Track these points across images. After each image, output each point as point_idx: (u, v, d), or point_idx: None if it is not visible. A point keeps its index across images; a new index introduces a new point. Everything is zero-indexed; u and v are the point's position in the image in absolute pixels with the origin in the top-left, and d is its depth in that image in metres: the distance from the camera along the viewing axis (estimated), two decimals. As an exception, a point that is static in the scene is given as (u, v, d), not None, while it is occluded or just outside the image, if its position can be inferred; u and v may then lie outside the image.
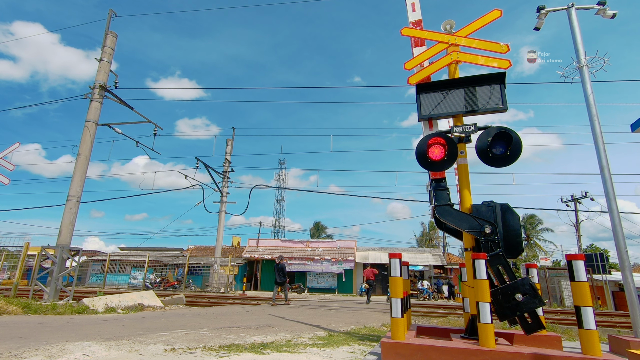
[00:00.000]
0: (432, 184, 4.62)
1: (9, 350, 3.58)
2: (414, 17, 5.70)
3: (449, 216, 4.33)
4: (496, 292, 3.80)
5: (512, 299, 3.75)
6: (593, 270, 18.81)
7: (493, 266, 3.95)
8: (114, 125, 12.90)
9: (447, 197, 4.46)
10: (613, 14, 6.30)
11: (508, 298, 3.77)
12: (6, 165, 10.89)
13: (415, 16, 5.71)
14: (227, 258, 22.03)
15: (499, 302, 3.80)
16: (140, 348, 3.89)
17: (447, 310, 12.58)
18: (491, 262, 3.95)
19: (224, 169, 24.20)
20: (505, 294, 3.79)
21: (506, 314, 3.77)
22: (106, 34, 12.61)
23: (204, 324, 6.37)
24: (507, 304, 3.77)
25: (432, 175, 4.66)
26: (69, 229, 10.76)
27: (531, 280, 3.90)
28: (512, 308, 3.75)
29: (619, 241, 5.16)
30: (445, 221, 4.38)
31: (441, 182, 4.58)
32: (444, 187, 4.53)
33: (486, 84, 4.57)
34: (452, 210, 4.35)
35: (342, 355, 3.88)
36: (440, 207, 4.39)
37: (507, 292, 3.79)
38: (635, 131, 5.86)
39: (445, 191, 4.49)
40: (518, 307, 3.74)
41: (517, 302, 3.74)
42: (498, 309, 3.81)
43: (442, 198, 4.44)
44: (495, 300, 3.78)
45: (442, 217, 4.35)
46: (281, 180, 50.78)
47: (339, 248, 29.17)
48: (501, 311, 3.80)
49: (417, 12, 5.73)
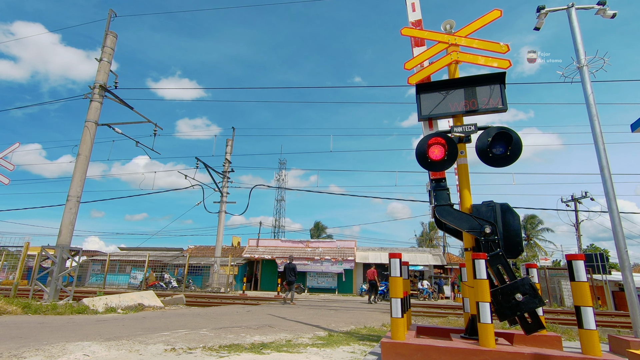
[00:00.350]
0: (432, 184, 4.62)
1: (9, 350, 3.58)
2: (414, 17, 5.70)
3: (449, 216, 4.33)
4: (496, 292, 3.80)
5: (512, 299, 3.75)
6: (593, 270, 18.81)
7: (493, 266, 3.95)
8: (114, 125, 12.90)
9: (447, 197, 4.46)
10: (613, 14, 6.30)
11: (508, 298, 3.77)
12: (6, 166, 10.89)
13: (415, 16, 5.70)
14: (227, 258, 22.03)
15: (499, 302, 3.79)
16: (140, 348, 3.89)
17: (447, 310, 12.58)
18: (491, 262, 3.95)
19: (224, 169, 24.20)
20: (505, 294, 3.79)
21: (506, 314, 3.77)
22: (106, 34, 12.61)
23: (204, 324, 6.37)
24: (507, 304, 3.77)
25: (432, 175, 4.66)
26: (69, 229, 10.76)
27: (531, 280, 3.90)
28: (512, 308, 3.75)
29: (619, 241, 5.16)
30: (445, 221, 4.38)
31: (441, 182, 4.58)
32: (444, 187, 4.53)
33: (486, 84, 4.57)
34: (452, 210, 4.35)
35: (342, 355, 3.89)
36: (440, 207, 4.39)
37: (507, 292, 3.79)
38: (635, 131, 5.86)
39: (445, 191, 4.49)
40: (518, 307, 3.74)
41: (517, 302, 3.74)
42: (498, 309, 3.81)
43: (442, 198, 4.44)
44: (495, 300, 3.78)
45: (443, 217, 4.35)
46: (281, 180, 50.81)
47: (339, 248, 29.17)
48: (501, 311, 3.80)
49: (417, 12, 5.72)
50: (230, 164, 24.59)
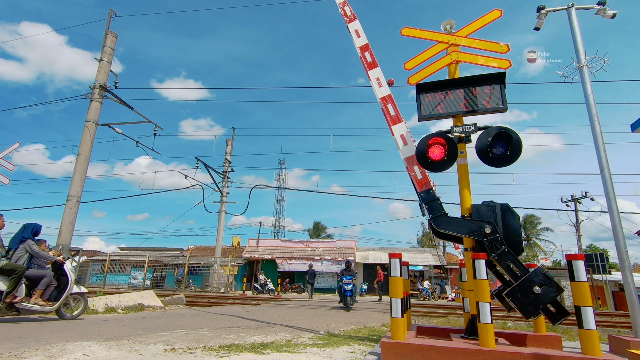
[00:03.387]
0: (422, 196, 4.54)
1: (9, 350, 3.57)
2: (360, 43, 5.76)
3: (447, 225, 4.29)
4: (514, 291, 3.70)
5: (531, 293, 3.65)
6: (593, 270, 18.81)
7: (503, 264, 3.91)
8: (114, 125, 12.91)
9: (440, 207, 4.41)
10: (613, 14, 6.30)
11: (527, 293, 3.67)
12: (6, 166, 10.90)
13: (361, 42, 5.77)
14: (227, 258, 22.04)
15: (519, 300, 3.69)
16: (140, 348, 3.89)
17: (447, 310, 12.58)
18: (500, 260, 3.91)
19: (224, 169, 24.21)
20: (523, 290, 3.68)
21: (529, 310, 3.66)
22: (106, 34, 12.61)
23: (204, 324, 6.37)
24: (527, 300, 3.66)
25: (419, 188, 4.60)
26: (69, 229, 10.76)
27: (544, 269, 3.82)
28: (533, 303, 3.65)
29: (619, 241, 5.16)
30: (444, 231, 4.33)
31: (430, 193, 4.53)
32: (434, 198, 4.48)
33: (486, 84, 4.57)
34: (449, 219, 4.31)
35: (342, 355, 3.88)
36: (437, 218, 4.34)
37: (525, 287, 3.69)
38: (635, 131, 5.86)
39: (437, 201, 4.44)
40: (539, 300, 3.64)
41: (536, 296, 3.64)
42: (521, 307, 3.69)
43: (437, 209, 4.39)
44: (515, 300, 3.69)
45: (441, 228, 4.31)
46: (281, 180, 50.82)
47: (339, 248, 29.17)
48: (524, 309, 3.69)
49: (362, 37, 5.80)
50: (230, 164, 24.60)
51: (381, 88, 5.36)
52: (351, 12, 6.07)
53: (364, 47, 5.72)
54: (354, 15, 6.03)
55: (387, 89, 5.35)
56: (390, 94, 5.31)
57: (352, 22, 5.98)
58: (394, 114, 5.15)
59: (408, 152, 4.90)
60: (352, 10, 6.07)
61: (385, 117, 5.19)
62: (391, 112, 5.16)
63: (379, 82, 5.40)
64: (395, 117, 5.13)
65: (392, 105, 5.21)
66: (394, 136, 5.06)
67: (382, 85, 5.37)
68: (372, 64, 5.56)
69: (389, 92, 5.34)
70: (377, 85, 5.40)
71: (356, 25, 5.92)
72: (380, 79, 5.42)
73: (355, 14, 6.01)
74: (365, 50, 5.68)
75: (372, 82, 5.44)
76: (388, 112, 5.18)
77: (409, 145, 4.94)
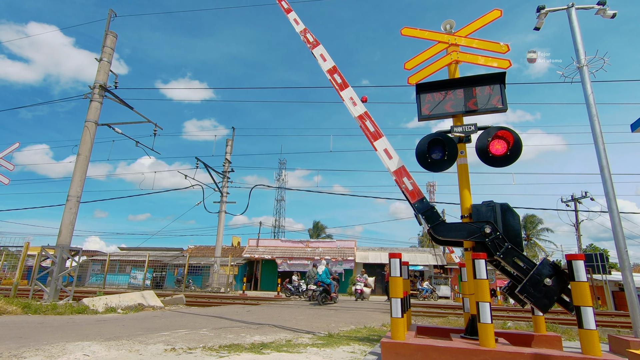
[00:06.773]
0: (417, 207, 4.49)
1: (9, 350, 3.57)
2: (327, 66, 5.82)
3: (447, 232, 4.26)
4: (525, 287, 3.66)
5: (543, 285, 3.62)
6: (593, 270, 18.79)
7: (509, 260, 3.89)
8: (114, 125, 12.90)
9: (437, 214, 4.37)
10: (613, 14, 6.30)
11: (539, 287, 3.63)
12: (6, 166, 10.90)
13: (327, 65, 5.84)
14: (227, 258, 22.03)
15: (533, 295, 3.65)
16: (140, 348, 3.89)
17: (447, 310, 12.58)
18: (506, 258, 3.89)
19: (224, 169, 24.21)
20: (534, 284, 3.64)
21: (545, 303, 3.61)
22: (106, 34, 12.61)
23: (204, 324, 6.37)
24: (540, 293, 3.62)
25: (412, 199, 4.53)
26: (69, 229, 10.76)
27: (549, 259, 3.80)
28: (547, 296, 3.61)
29: (619, 241, 5.16)
30: (444, 238, 4.31)
31: (424, 202, 4.49)
32: (429, 207, 4.43)
33: (486, 83, 4.56)
34: (447, 225, 4.28)
35: (342, 355, 3.88)
36: (435, 226, 4.31)
37: (535, 281, 3.65)
38: (635, 131, 5.86)
39: (432, 210, 4.40)
40: (552, 292, 3.60)
41: (548, 287, 3.61)
42: (536, 303, 3.65)
43: (434, 217, 4.35)
44: (529, 296, 3.65)
45: (441, 235, 4.28)
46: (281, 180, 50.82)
47: (339, 248, 29.16)
48: (540, 303, 3.64)
49: (328, 61, 5.88)
50: (231, 164, 24.60)
51: (356, 107, 5.34)
52: (314, 38, 6.17)
53: (331, 69, 5.75)
54: (316, 41, 6.13)
55: (362, 106, 5.32)
56: (367, 111, 5.27)
57: (315, 48, 6.09)
58: (374, 130, 5.10)
59: (394, 165, 4.82)
60: (315, 36, 6.17)
61: (365, 134, 5.13)
62: (370, 128, 5.12)
63: (353, 101, 5.39)
64: (376, 133, 5.08)
65: (370, 121, 5.17)
66: (377, 152, 4.97)
67: (357, 104, 5.35)
68: (343, 84, 5.57)
69: (365, 109, 5.30)
70: (352, 105, 5.38)
71: (321, 50, 6.00)
72: (354, 97, 5.41)
73: (318, 40, 6.13)
74: (333, 73, 5.72)
75: (346, 102, 5.43)
76: (367, 129, 5.13)
77: (394, 159, 4.87)
